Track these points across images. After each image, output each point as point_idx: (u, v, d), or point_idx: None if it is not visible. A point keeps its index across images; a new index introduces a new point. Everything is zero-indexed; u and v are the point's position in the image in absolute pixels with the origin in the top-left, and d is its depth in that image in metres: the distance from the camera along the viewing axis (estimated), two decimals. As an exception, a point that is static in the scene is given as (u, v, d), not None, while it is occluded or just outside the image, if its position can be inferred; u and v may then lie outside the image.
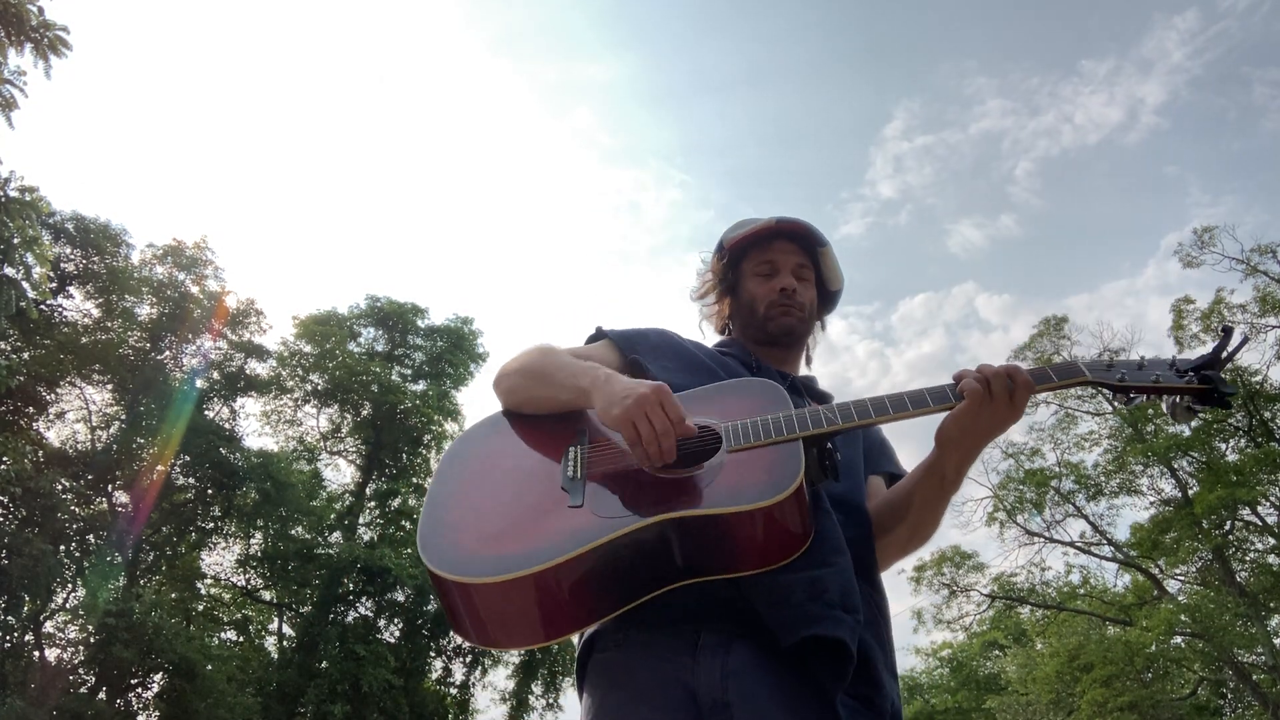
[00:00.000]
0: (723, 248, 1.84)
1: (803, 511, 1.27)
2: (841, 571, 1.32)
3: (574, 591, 1.22)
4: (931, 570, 23.31)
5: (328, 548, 21.61)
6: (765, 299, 1.74)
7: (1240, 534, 20.12)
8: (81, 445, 18.81)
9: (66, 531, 16.94)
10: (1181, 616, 18.21)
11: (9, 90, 7.53)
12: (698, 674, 1.26)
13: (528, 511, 1.30)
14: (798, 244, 1.78)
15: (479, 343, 24.98)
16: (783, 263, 1.76)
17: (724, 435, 1.36)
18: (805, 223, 1.78)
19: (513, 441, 1.48)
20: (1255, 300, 19.37)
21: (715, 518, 1.23)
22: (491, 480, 1.39)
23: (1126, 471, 21.31)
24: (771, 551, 1.25)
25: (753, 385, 1.52)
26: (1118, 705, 18.24)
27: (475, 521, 1.30)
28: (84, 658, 16.38)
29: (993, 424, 1.36)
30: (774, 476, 1.27)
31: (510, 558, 1.20)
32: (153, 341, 19.28)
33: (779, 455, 1.32)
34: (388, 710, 18.90)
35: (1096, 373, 1.38)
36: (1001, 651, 28.40)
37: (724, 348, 1.80)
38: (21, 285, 10.59)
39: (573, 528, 1.23)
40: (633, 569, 1.24)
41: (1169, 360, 1.38)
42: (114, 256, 18.67)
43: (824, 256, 1.81)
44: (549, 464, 1.39)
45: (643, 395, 1.29)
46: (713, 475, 1.30)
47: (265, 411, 23.86)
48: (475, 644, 1.33)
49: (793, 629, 1.24)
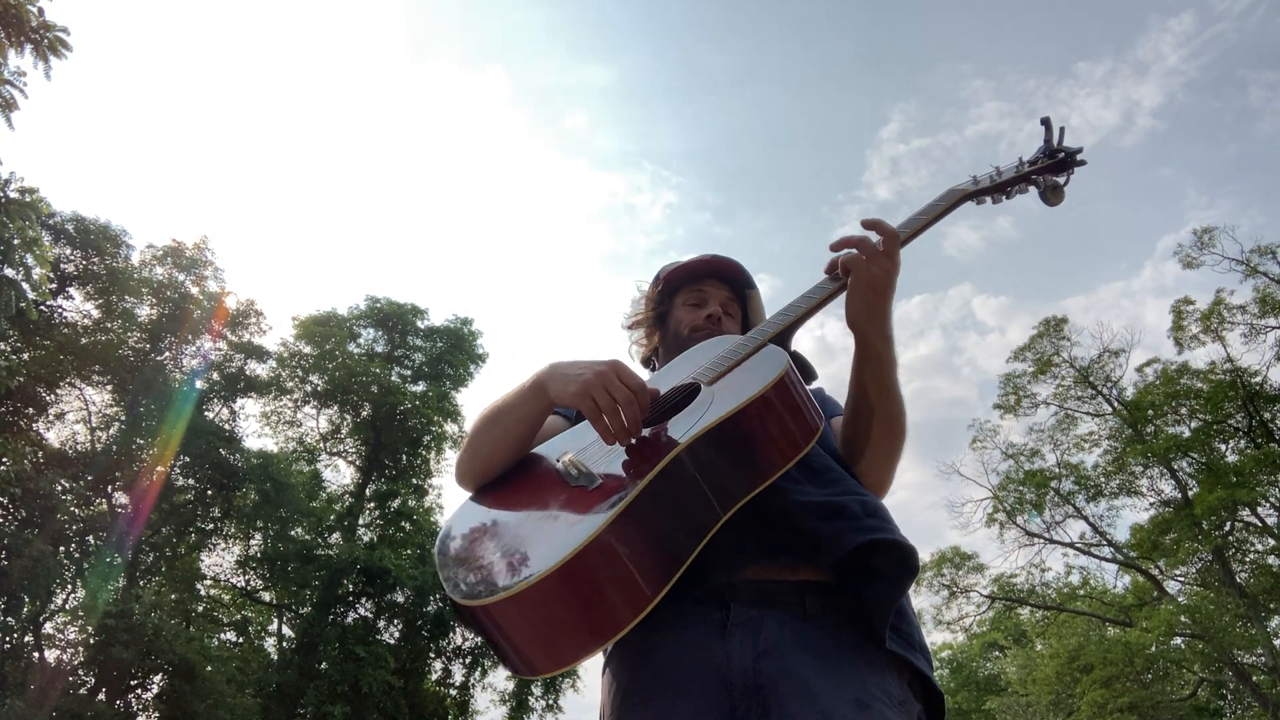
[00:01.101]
0: (659, 279, 1.90)
1: (804, 390, 1.31)
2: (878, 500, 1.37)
3: (631, 558, 1.10)
4: (931, 571, 23.32)
5: (327, 549, 21.59)
6: (690, 323, 1.80)
7: (1240, 535, 20.12)
8: (81, 446, 18.81)
9: (66, 532, 16.93)
10: (1181, 617, 18.20)
11: (9, 91, 7.52)
12: (730, 655, 1.21)
13: (550, 514, 1.23)
14: (728, 284, 1.86)
15: (479, 343, 25.00)
16: (712, 295, 1.83)
17: (698, 380, 1.38)
18: (737, 263, 1.88)
19: (498, 496, 1.38)
20: (1255, 301, 19.39)
21: (733, 417, 1.21)
22: (500, 518, 1.30)
23: (1126, 472, 21.32)
24: (794, 440, 1.25)
25: (701, 346, 1.58)
26: (1118, 706, 18.24)
27: (502, 550, 1.19)
28: (83, 659, 16.36)
29: (885, 281, 1.42)
30: (764, 368, 1.30)
31: (555, 544, 1.09)
32: (152, 342, 19.27)
33: (757, 359, 1.36)
34: (387, 711, 18.89)
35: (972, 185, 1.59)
36: (1001, 652, 28.41)
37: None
38: (21, 286, 10.58)
39: (602, 498, 1.17)
40: (674, 520, 1.16)
41: (1018, 159, 1.62)
42: (114, 257, 18.66)
43: (752, 299, 1.88)
44: (547, 480, 1.32)
45: (599, 370, 1.28)
46: (706, 401, 1.30)
47: (265, 412, 23.89)
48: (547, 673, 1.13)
49: (852, 535, 1.24)
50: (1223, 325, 19.92)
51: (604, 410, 1.26)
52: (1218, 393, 19.80)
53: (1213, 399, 19.88)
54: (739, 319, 1.85)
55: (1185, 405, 20.52)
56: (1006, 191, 1.60)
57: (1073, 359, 22.07)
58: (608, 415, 1.26)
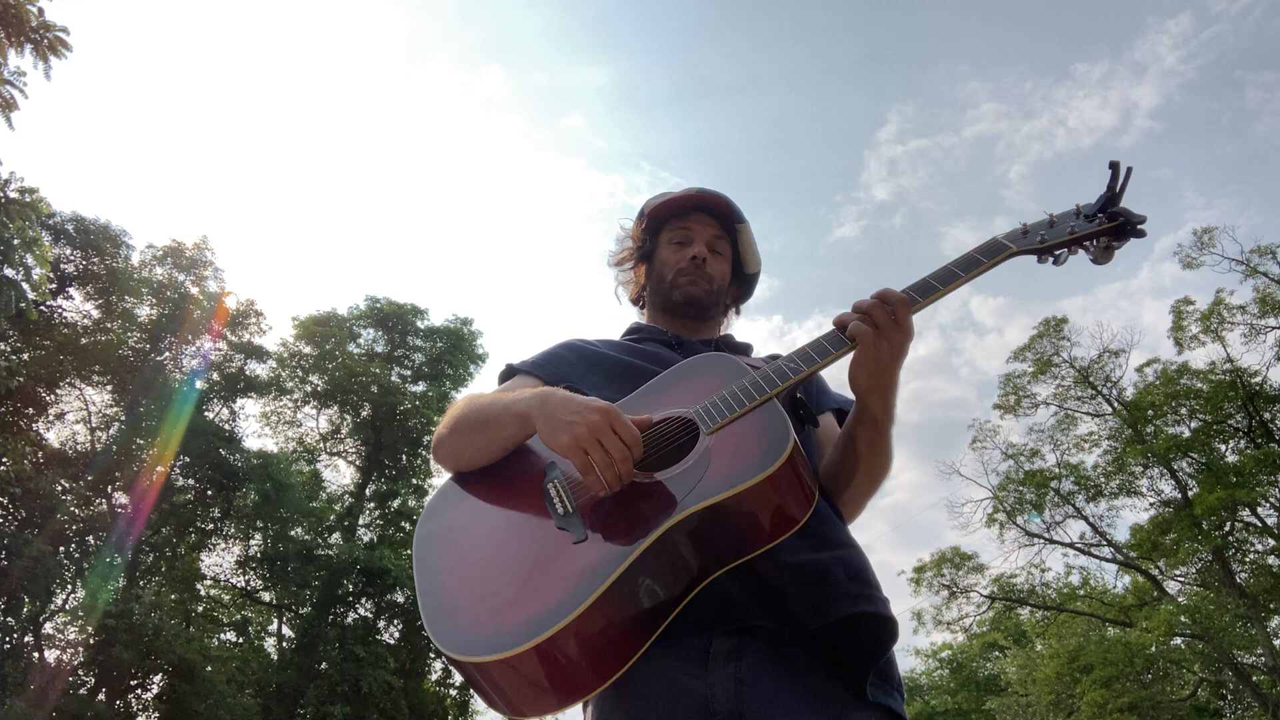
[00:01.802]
0: (643, 215, 1.80)
1: (805, 466, 1.25)
2: (861, 555, 1.33)
3: (607, 632, 1.13)
4: (931, 571, 23.31)
5: (327, 549, 21.60)
6: (674, 265, 1.71)
7: (1240, 535, 20.11)
8: (81, 446, 18.81)
9: (66, 533, 16.93)
10: (1181, 618, 18.19)
11: (9, 91, 7.52)
12: (711, 684, 1.21)
13: (533, 565, 1.19)
14: (716, 218, 1.75)
15: (479, 343, 25.01)
16: (698, 233, 1.73)
17: (697, 420, 1.31)
18: (725, 197, 1.75)
19: (482, 501, 1.37)
20: (1255, 301, 19.38)
21: (725, 503, 1.16)
22: (479, 549, 1.27)
23: (1126, 473, 21.30)
24: (789, 513, 1.21)
25: (700, 362, 1.46)
26: (1118, 706, 18.24)
27: (480, 595, 1.18)
28: (84, 659, 16.36)
29: (892, 352, 1.33)
30: (766, 441, 1.23)
31: (535, 617, 1.09)
32: (152, 342, 19.27)
33: (761, 420, 1.28)
34: (387, 711, 18.89)
35: (1018, 241, 1.40)
36: (1001, 653, 28.39)
37: (635, 335, 1.74)
38: (21, 286, 10.59)
39: (585, 566, 1.14)
40: (654, 590, 1.17)
41: (1073, 210, 1.42)
42: (114, 257, 18.66)
43: (742, 234, 1.77)
44: (533, 508, 1.28)
45: (592, 421, 1.21)
46: (703, 463, 1.24)
47: (265, 412, 23.91)
48: (517, 718, 1.18)
49: (834, 606, 1.22)
50: (1222, 325, 19.92)
51: (597, 465, 1.21)
52: (1218, 393, 19.80)
53: (1213, 399, 19.87)
54: (728, 257, 1.77)
55: (1185, 405, 20.51)
56: (1055, 254, 1.41)
57: (1073, 359, 22.07)
58: (601, 470, 1.22)
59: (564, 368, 1.60)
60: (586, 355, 1.64)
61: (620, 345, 1.68)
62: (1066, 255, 1.42)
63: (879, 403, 1.38)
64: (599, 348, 1.66)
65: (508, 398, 1.39)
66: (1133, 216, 1.39)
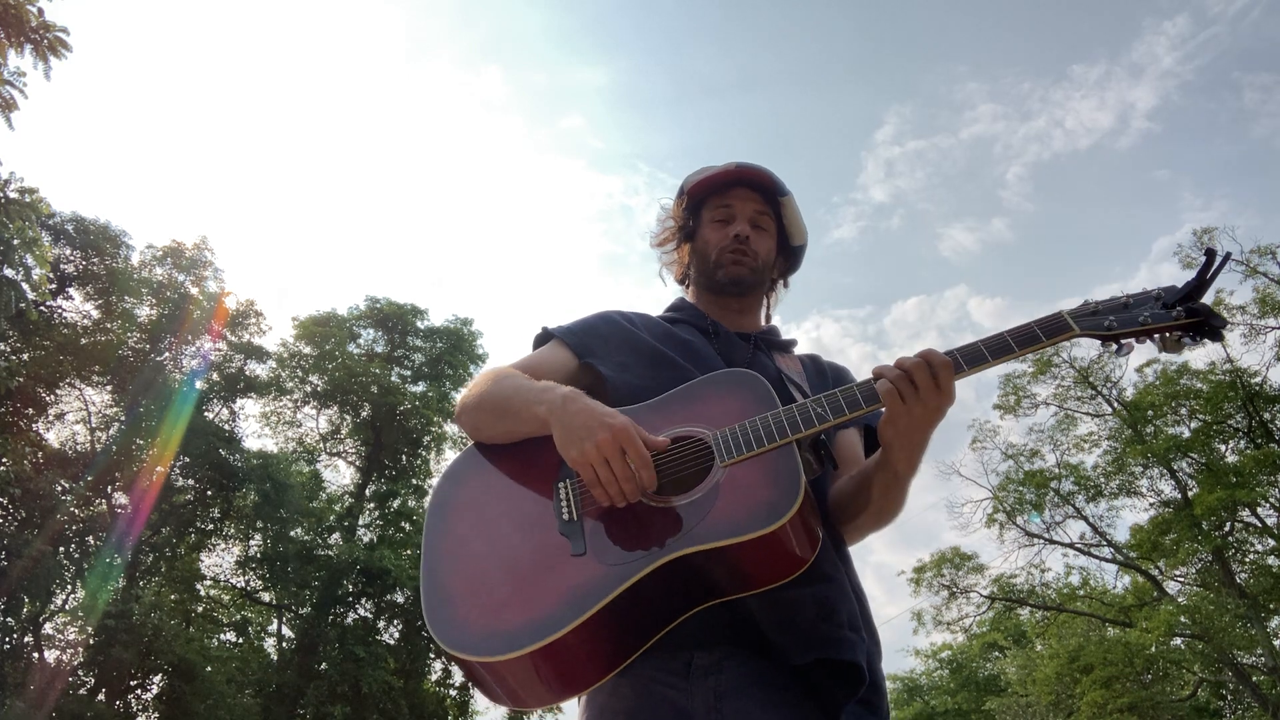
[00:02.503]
0: (683, 192, 1.76)
1: (812, 520, 1.24)
2: (843, 589, 1.31)
3: (592, 650, 1.18)
4: (931, 572, 23.30)
5: (327, 549, 21.59)
6: (717, 245, 1.67)
7: (1240, 535, 20.10)
8: (81, 446, 18.80)
9: (66, 533, 16.92)
10: (1181, 618, 18.19)
11: (9, 91, 7.52)
12: (692, 696, 1.23)
13: (529, 569, 1.23)
14: (758, 192, 1.71)
15: (479, 344, 24.99)
16: (740, 209, 1.69)
17: (714, 447, 1.29)
18: (767, 170, 1.71)
19: (497, 479, 1.39)
20: (1255, 301, 19.38)
21: (725, 549, 1.17)
22: (485, 533, 1.30)
23: (1126, 473, 21.29)
24: (786, 566, 1.21)
25: (731, 379, 1.43)
26: (1117, 707, 18.23)
27: (477, 590, 1.23)
28: (83, 659, 16.35)
29: (927, 416, 1.27)
30: (776, 492, 1.21)
31: (522, 629, 1.15)
32: (152, 343, 19.26)
33: (776, 464, 1.25)
34: (387, 712, 18.89)
35: (1084, 323, 1.29)
36: (1001, 653, 28.38)
37: (675, 313, 1.71)
38: (21, 286, 10.59)
39: (579, 584, 1.17)
40: (644, 613, 1.20)
41: (1154, 294, 1.29)
42: (114, 258, 18.66)
43: (786, 206, 1.73)
44: (541, 504, 1.31)
45: (602, 441, 1.21)
46: (711, 498, 1.23)
47: (265, 413, 23.89)
48: (506, 707, 1.31)
49: (805, 649, 1.22)
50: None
51: (603, 482, 1.23)
52: (1217, 393, 19.79)
53: (1212, 399, 19.87)
54: (773, 232, 1.72)
55: (1185, 405, 20.50)
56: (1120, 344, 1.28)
57: (1073, 359, 22.07)
58: (606, 487, 1.23)
59: (596, 341, 1.59)
60: (621, 333, 1.61)
61: (658, 328, 1.65)
62: (1134, 346, 1.28)
63: (904, 460, 1.33)
64: (636, 327, 1.64)
65: (531, 392, 1.38)
66: (1214, 319, 1.23)
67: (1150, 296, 1.29)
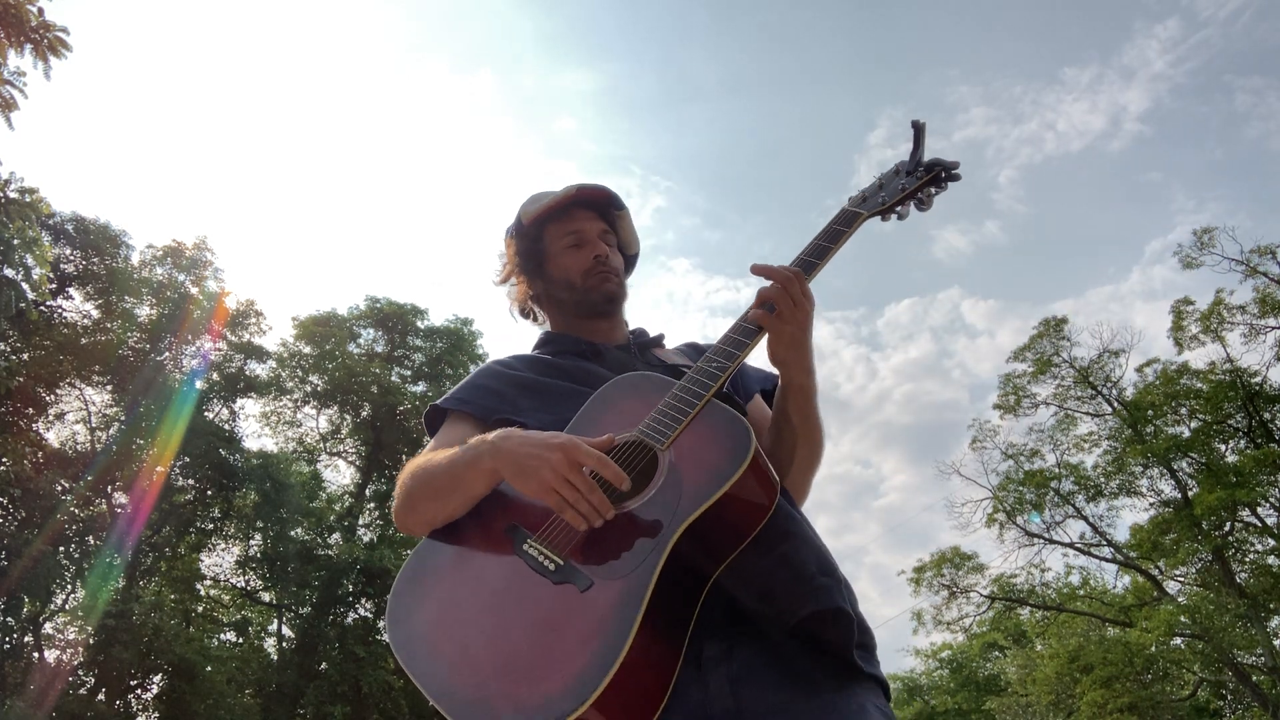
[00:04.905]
0: (521, 224, 1.75)
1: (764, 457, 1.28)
2: (804, 539, 1.34)
3: (653, 659, 1.10)
4: (931, 571, 23.30)
5: (327, 549, 21.59)
6: (580, 269, 1.68)
7: (1240, 535, 20.11)
8: (81, 446, 18.80)
9: (66, 533, 16.93)
10: (1181, 618, 18.20)
11: (9, 91, 7.52)
12: (707, 687, 1.20)
13: (548, 626, 1.13)
14: (596, 211, 1.73)
15: (479, 344, 24.99)
16: (588, 230, 1.70)
17: (647, 438, 1.30)
18: (605, 188, 1.73)
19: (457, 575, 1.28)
20: (1255, 301, 19.40)
21: (717, 504, 1.18)
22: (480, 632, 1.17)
23: (1126, 473, 21.30)
24: (764, 508, 1.25)
25: (624, 384, 1.45)
26: (1117, 706, 18.24)
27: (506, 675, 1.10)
28: (83, 659, 16.36)
29: (800, 324, 1.41)
30: (728, 441, 1.25)
31: (583, 672, 1.04)
32: (152, 342, 19.26)
33: (713, 421, 1.31)
34: (387, 712, 18.89)
35: (866, 206, 1.55)
36: (1001, 653, 28.42)
37: (548, 348, 1.70)
38: (21, 286, 10.60)
39: (609, 607, 1.11)
40: (677, 605, 1.17)
41: (894, 169, 1.58)
42: (114, 257, 18.66)
43: (621, 220, 1.77)
44: (517, 574, 1.21)
45: (555, 461, 1.21)
46: (675, 474, 1.24)
47: (265, 412, 23.89)
48: None
49: (791, 610, 1.24)
50: (1222, 325, 19.93)
51: (571, 503, 1.20)
52: (1217, 393, 19.80)
53: (1212, 399, 19.88)
54: (616, 246, 1.75)
55: (1185, 405, 20.52)
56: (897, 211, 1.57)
57: (1073, 359, 22.08)
58: (576, 506, 1.20)
59: (492, 399, 1.55)
60: (511, 380, 1.59)
61: (539, 363, 1.64)
62: (908, 211, 1.57)
63: (799, 368, 1.44)
64: (519, 369, 1.62)
65: (464, 453, 1.33)
66: (947, 165, 1.56)
67: (894, 171, 1.59)
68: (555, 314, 1.75)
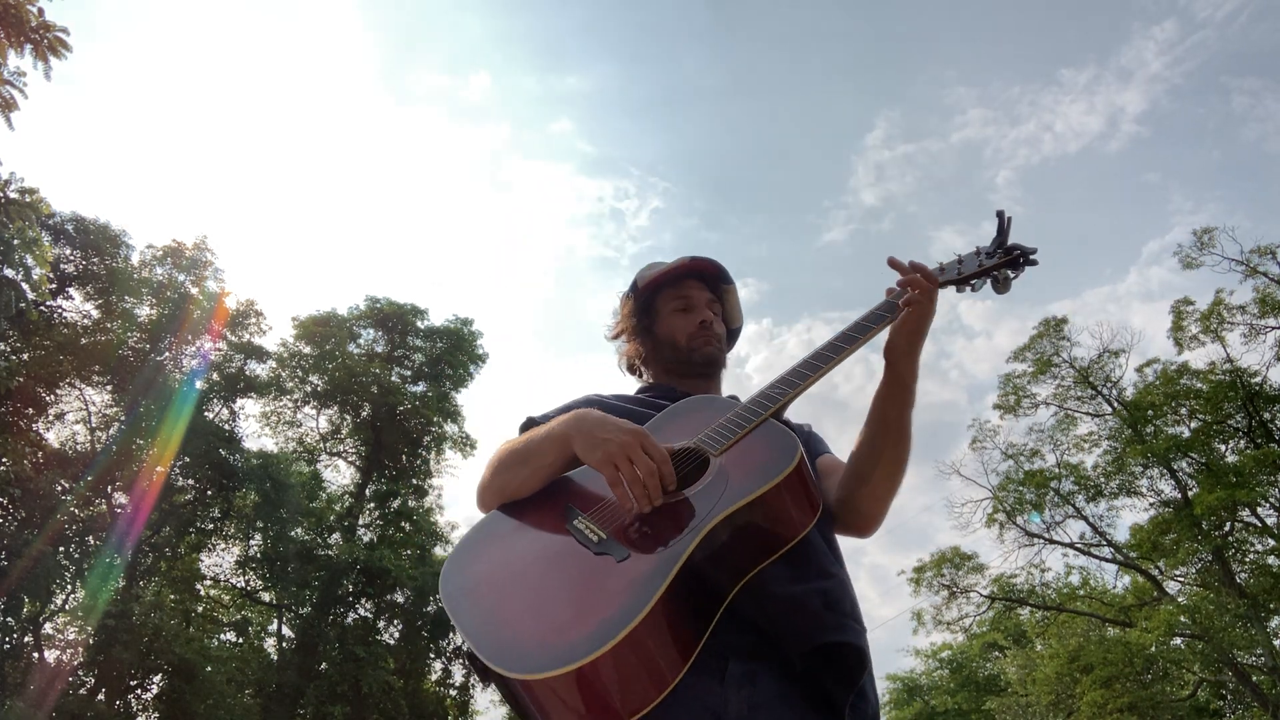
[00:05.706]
0: (637, 288, 1.91)
1: (810, 474, 1.36)
2: (843, 584, 1.41)
3: (673, 634, 1.16)
4: (931, 571, 23.30)
5: (327, 549, 21.59)
6: (685, 331, 1.82)
7: (1240, 535, 20.10)
8: (81, 446, 18.79)
9: (66, 532, 16.92)
10: (1181, 618, 18.20)
11: (9, 91, 7.51)
12: (727, 703, 1.28)
13: (580, 591, 1.21)
14: (706, 283, 1.88)
15: (479, 344, 24.99)
16: (697, 298, 1.85)
17: (703, 447, 1.40)
18: (716, 262, 1.89)
19: (508, 550, 1.37)
20: (1255, 301, 19.39)
21: (756, 503, 1.26)
22: (522, 587, 1.26)
23: (1126, 473, 21.29)
24: (804, 521, 1.32)
25: (696, 402, 1.60)
26: (1117, 706, 18.24)
27: (539, 621, 1.18)
28: (83, 659, 16.35)
29: (930, 320, 1.53)
30: (777, 450, 1.34)
31: (603, 625, 1.11)
32: (152, 343, 19.25)
33: (765, 435, 1.39)
34: (387, 712, 18.90)
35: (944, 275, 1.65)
36: (1001, 653, 28.39)
37: (647, 392, 1.83)
38: (21, 286, 10.59)
39: (637, 577, 1.18)
40: (703, 592, 1.23)
41: (975, 250, 1.68)
42: (114, 258, 18.65)
43: (728, 294, 1.92)
44: (565, 544, 1.30)
45: (623, 441, 1.31)
46: (722, 477, 1.32)
47: (265, 413, 23.88)
48: None
49: (810, 636, 1.30)
50: (1222, 325, 19.93)
51: (628, 481, 1.29)
52: (1217, 393, 19.79)
53: (1212, 399, 19.87)
54: (722, 317, 1.90)
55: (1185, 405, 20.51)
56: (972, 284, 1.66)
57: (1073, 359, 22.07)
58: (631, 486, 1.29)
59: None
60: (602, 404, 1.72)
61: (633, 399, 1.78)
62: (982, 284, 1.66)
63: (911, 365, 1.54)
64: (612, 402, 1.75)
65: (545, 429, 1.47)
66: (1025, 249, 1.63)
67: (974, 252, 1.68)
68: (659, 372, 1.89)
